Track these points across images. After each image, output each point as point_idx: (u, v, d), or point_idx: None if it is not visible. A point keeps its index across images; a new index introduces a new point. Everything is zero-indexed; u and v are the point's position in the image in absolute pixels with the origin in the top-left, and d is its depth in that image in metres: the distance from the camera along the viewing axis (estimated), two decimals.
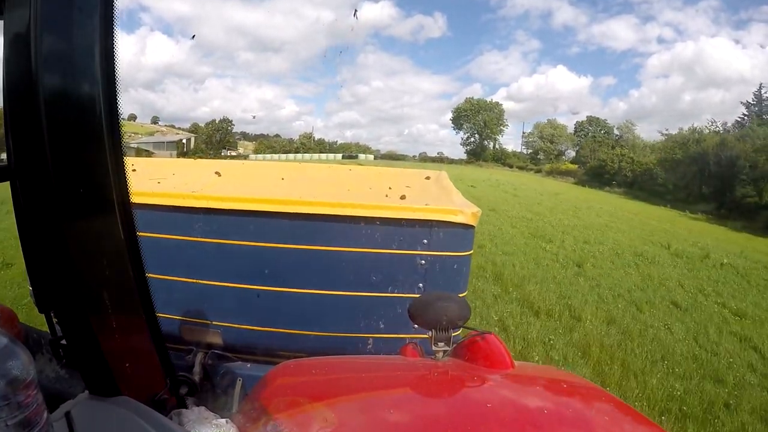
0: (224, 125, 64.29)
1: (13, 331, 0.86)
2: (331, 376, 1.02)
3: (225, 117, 66.31)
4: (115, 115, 0.67)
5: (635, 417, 0.85)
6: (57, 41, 0.60)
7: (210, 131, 62.53)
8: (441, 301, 1.13)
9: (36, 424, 0.50)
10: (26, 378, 0.48)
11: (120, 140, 0.69)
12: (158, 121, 75.08)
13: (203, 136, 62.19)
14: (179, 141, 59.96)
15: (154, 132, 66.04)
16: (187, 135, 63.26)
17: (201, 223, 2.02)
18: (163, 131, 67.03)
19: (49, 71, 0.59)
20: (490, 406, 0.79)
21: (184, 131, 66.58)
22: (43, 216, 0.63)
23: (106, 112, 0.65)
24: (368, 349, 2.09)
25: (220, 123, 64.18)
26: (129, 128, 57.66)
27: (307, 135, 72.46)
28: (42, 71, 0.58)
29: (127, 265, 0.74)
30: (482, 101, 69.81)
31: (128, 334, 0.77)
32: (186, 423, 0.80)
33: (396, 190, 2.32)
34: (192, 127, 69.43)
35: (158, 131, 67.00)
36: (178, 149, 55.95)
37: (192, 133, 64.37)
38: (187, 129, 68.42)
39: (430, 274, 2.04)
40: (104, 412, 0.71)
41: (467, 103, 69.70)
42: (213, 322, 2.08)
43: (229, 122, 65.26)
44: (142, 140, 56.67)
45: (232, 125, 66.28)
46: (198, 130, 64.71)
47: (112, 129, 0.67)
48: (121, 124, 0.69)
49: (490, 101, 70.20)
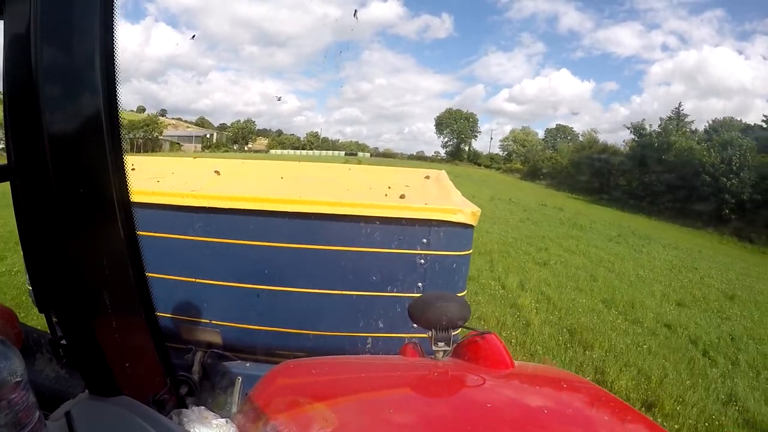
0: (248, 125, 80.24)
1: (13, 331, 0.86)
2: (332, 376, 1.02)
3: (249, 119, 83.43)
4: (115, 114, 0.67)
5: (635, 417, 0.85)
6: (57, 41, 0.60)
7: (236, 130, 78.03)
8: (441, 301, 1.13)
9: (26, 424, 0.50)
10: (13, 380, 0.49)
11: (120, 140, 0.68)
12: (165, 114, 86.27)
13: (230, 133, 77.30)
14: (204, 136, 73.24)
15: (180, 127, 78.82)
16: (211, 131, 78.14)
17: (200, 222, 2.01)
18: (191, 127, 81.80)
19: (49, 71, 0.59)
20: (491, 406, 0.79)
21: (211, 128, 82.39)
22: (43, 216, 0.63)
23: (106, 112, 0.65)
24: (367, 349, 2.09)
25: (245, 123, 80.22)
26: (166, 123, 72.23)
27: (313, 133, 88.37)
28: (42, 71, 0.58)
29: (127, 265, 0.74)
30: (459, 112, 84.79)
31: (128, 334, 0.77)
32: (186, 423, 0.80)
33: (395, 190, 2.32)
34: (198, 120, 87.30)
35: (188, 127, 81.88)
36: (203, 143, 68.75)
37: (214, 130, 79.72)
38: (193, 122, 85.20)
39: (429, 274, 2.03)
40: (104, 412, 0.71)
41: (447, 113, 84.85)
42: (212, 321, 2.08)
43: (252, 123, 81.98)
44: (172, 134, 68.46)
45: (255, 125, 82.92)
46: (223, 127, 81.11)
47: (112, 129, 0.67)
48: (121, 125, 0.69)
49: (465, 112, 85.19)
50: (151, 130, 60.39)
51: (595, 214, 22.97)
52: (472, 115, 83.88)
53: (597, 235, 14.64)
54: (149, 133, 60.12)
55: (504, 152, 77.80)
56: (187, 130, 76.81)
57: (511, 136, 77.66)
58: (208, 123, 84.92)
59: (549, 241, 11.90)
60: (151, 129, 60.95)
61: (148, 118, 65.30)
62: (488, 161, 76.39)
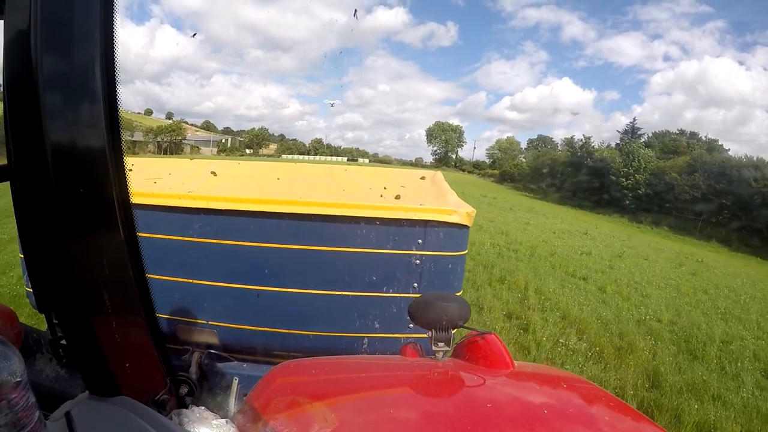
0: (263, 132, 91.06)
1: (13, 331, 0.86)
2: (331, 376, 1.02)
3: (263, 126, 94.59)
4: (115, 114, 0.67)
5: (635, 416, 0.85)
6: (57, 41, 0.60)
7: (251, 136, 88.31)
8: (441, 301, 1.13)
9: (26, 424, 0.50)
10: (13, 380, 0.48)
11: (120, 140, 0.68)
12: (172, 117, 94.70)
13: (244, 139, 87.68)
14: (219, 141, 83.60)
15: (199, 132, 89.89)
16: (227, 136, 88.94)
17: (198, 223, 2.01)
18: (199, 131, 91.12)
19: (50, 71, 0.59)
20: (491, 406, 0.79)
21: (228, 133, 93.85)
22: (43, 216, 0.63)
23: (106, 112, 0.65)
24: (364, 349, 2.09)
25: (260, 130, 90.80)
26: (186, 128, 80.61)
27: (317, 139, 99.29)
28: (42, 71, 0.58)
29: (127, 265, 0.74)
30: (447, 124, 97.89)
31: (128, 334, 0.77)
32: (186, 423, 0.80)
33: (391, 190, 2.32)
34: (204, 123, 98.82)
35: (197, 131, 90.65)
36: (218, 147, 78.46)
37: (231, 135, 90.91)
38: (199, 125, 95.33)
39: (425, 274, 2.04)
40: (104, 412, 0.70)
41: (436, 125, 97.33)
42: (209, 321, 2.08)
43: (265, 130, 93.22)
44: (191, 138, 75.99)
45: (267, 132, 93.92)
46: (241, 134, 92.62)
47: (113, 129, 0.67)
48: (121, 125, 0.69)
49: (452, 124, 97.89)
50: (176, 135, 68.50)
51: (521, 203, 30.33)
52: (459, 127, 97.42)
53: (511, 213, 21.57)
54: (174, 137, 66.95)
55: (490, 160, 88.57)
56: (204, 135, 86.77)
57: (496, 145, 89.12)
58: (212, 126, 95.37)
59: None
60: (176, 134, 68.96)
61: (174, 124, 73.34)
62: (471, 168, 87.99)
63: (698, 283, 10.62)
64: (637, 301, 7.82)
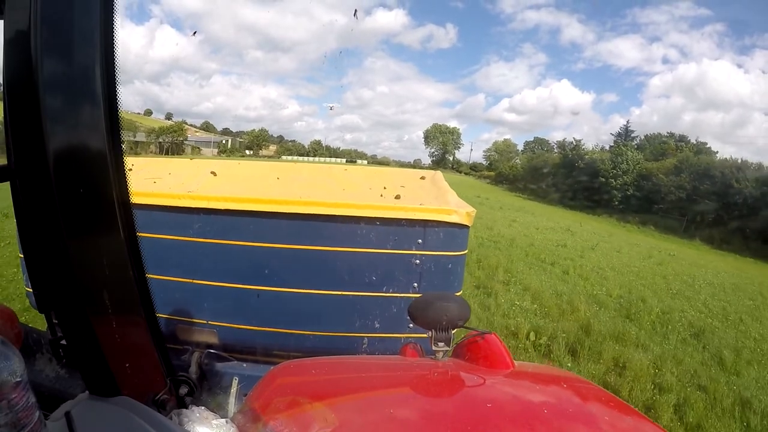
0: (263, 134, 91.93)
1: (13, 331, 0.86)
2: (332, 376, 1.02)
3: (263, 128, 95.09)
4: (115, 114, 0.67)
5: (635, 416, 0.85)
6: (57, 41, 0.60)
7: (252, 137, 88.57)
8: (441, 301, 1.13)
9: (26, 424, 0.50)
10: (13, 380, 0.49)
11: (120, 140, 0.68)
12: (171, 117, 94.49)
13: (245, 140, 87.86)
14: (220, 141, 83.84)
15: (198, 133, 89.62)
16: (227, 137, 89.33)
17: (198, 223, 2.01)
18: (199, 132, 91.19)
19: (49, 71, 0.59)
20: (491, 406, 0.79)
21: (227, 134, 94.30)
22: (43, 216, 0.63)
23: (106, 112, 0.65)
24: (364, 349, 2.09)
25: (260, 132, 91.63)
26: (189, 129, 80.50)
27: (316, 141, 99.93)
28: (42, 72, 0.58)
29: (127, 265, 0.74)
30: (444, 126, 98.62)
31: (128, 334, 0.77)
32: (186, 423, 0.80)
33: (391, 190, 2.32)
34: (203, 124, 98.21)
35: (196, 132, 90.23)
36: (219, 148, 78.78)
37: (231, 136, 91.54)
38: (198, 126, 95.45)
39: (424, 274, 2.04)
40: (104, 412, 0.71)
41: (433, 127, 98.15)
42: (210, 321, 2.08)
43: (266, 131, 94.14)
44: (192, 139, 75.56)
45: (268, 133, 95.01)
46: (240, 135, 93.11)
47: (113, 129, 0.67)
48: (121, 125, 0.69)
49: (449, 127, 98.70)
50: (177, 136, 67.97)
51: (513, 203, 31.15)
52: (456, 130, 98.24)
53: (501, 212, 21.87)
54: (176, 138, 67.08)
55: (487, 161, 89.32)
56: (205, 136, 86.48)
57: (493, 147, 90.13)
58: (212, 127, 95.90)
59: None
60: (178, 135, 68.37)
61: (175, 125, 73.33)
62: (467, 169, 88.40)
63: (660, 271, 11.15)
64: (595, 281, 8.54)
